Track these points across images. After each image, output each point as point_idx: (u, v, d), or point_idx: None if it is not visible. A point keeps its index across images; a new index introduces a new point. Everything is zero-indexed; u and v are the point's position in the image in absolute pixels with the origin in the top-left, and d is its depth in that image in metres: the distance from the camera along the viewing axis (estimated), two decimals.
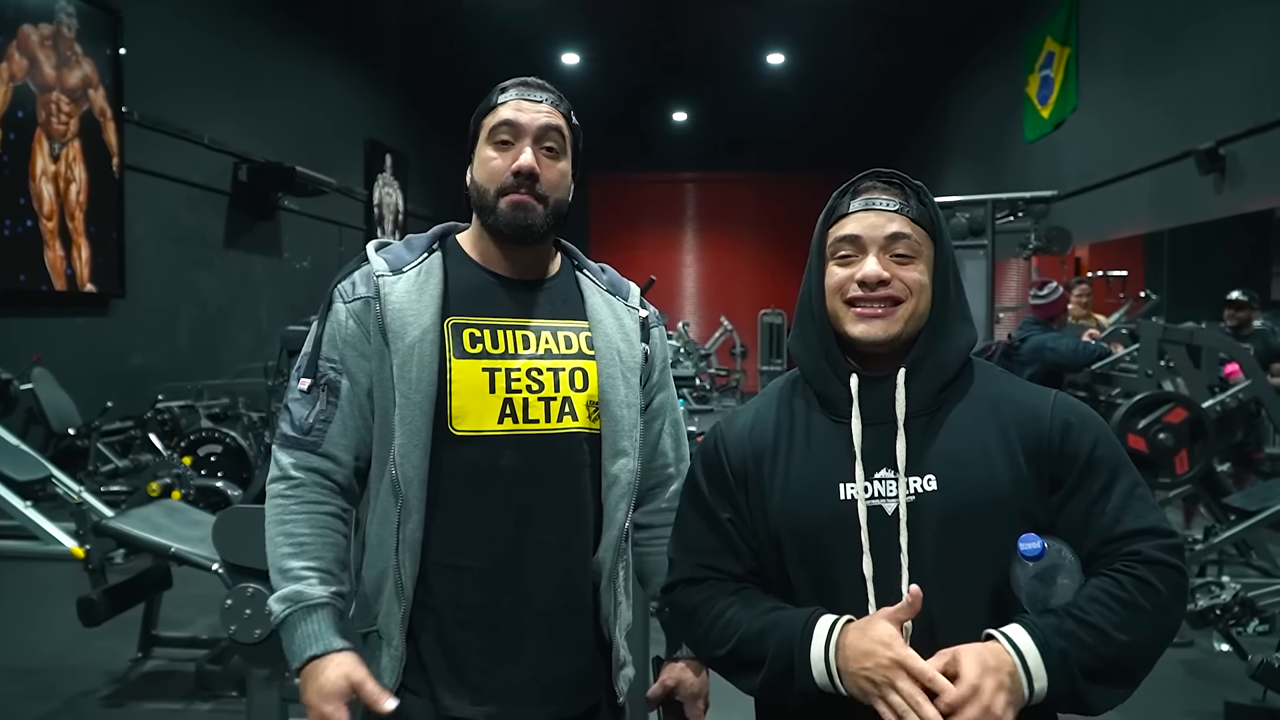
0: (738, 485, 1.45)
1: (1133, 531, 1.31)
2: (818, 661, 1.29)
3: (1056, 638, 1.24)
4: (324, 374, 1.57)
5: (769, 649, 1.33)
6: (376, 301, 1.56)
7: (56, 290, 8.07)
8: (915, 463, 1.34)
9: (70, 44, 8.16)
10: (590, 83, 15.93)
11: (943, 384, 1.38)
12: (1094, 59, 10.25)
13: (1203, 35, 8.09)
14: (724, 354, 15.40)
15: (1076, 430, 1.35)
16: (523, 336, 1.59)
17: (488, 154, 1.58)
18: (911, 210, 1.38)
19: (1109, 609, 1.27)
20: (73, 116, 8.19)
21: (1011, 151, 12.70)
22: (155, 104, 9.22)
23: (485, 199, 1.58)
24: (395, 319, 1.54)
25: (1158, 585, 1.28)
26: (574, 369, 1.60)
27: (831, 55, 15.15)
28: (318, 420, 1.56)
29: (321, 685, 1.44)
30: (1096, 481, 1.34)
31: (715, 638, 1.40)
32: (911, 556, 1.32)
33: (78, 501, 4.08)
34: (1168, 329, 5.54)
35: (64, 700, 3.92)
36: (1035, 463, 1.34)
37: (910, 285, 1.36)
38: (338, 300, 1.60)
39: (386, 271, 1.58)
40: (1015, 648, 1.24)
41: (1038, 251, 9.13)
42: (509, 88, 1.61)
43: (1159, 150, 8.61)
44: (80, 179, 8.30)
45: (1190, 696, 4.01)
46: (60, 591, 4.41)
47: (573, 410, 1.59)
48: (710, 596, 1.43)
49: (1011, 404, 1.38)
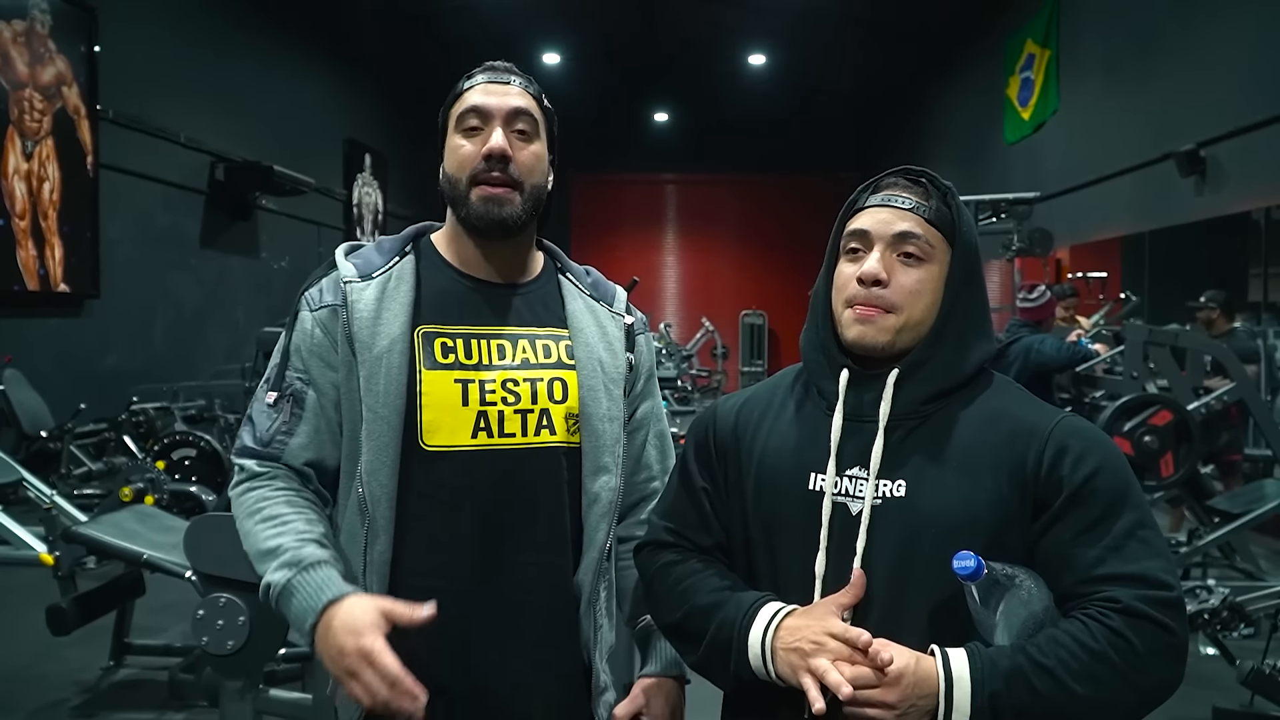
0: (719, 458, 1.44)
1: (1116, 575, 1.19)
2: (755, 644, 1.27)
3: (996, 678, 1.16)
4: (290, 385, 1.50)
5: (712, 624, 1.32)
6: (344, 309, 1.48)
7: (29, 290, 7.95)
8: (890, 466, 1.29)
9: (44, 41, 8.04)
10: (571, 83, 15.88)
11: (941, 391, 1.31)
12: (1075, 61, 10.27)
13: (1183, 37, 8.11)
14: (705, 355, 15.40)
15: (1073, 455, 1.24)
16: (498, 345, 1.51)
17: (457, 142, 1.51)
18: (929, 211, 1.31)
19: (1070, 655, 1.16)
20: (46, 114, 8.07)
21: (992, 153, 12.73)
22: (130, 102, 9.10)
23: (457, 189, 1.50)
24: (363, 328, 1.46)
25: (1133, 641, 1.16)
26: (553, 379, 1.52)
27: (813, 57, 15.17)
28: (278, 432, 1.48)
29: (350, 622, 1.30)
30: (1087, 513, 1.22)
31: (668, 604, 1.40)
32: (865, 561, 1.27)
33: (47, 507, 4.00)
34: (1153, 331, 5.54)
35: (31, 711, 3.84)
36: (1018, 485, 1.25)
37: (908, 291, 1.29)
38: (304, 308, 1.52)
39: (355, 277, 1.50)
40: (948, 673, 1.17)
41: (1021, 253, 9.14)
42: (475, 74, 1.55)
43: (1140, 152, 8.63)
44: (54, 177, 8.18)
45: (1178, 702, 3.93)
46: (29, 598, 4.32)
47: (551, 423, 1.51)
48: (672, 562, 1.42)
49: (1010, 420, 1.29)
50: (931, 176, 1.36)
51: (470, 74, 1.55)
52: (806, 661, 1.21)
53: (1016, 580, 1.19)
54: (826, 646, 1.20)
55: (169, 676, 3.92)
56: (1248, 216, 7.50)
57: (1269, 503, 4.81)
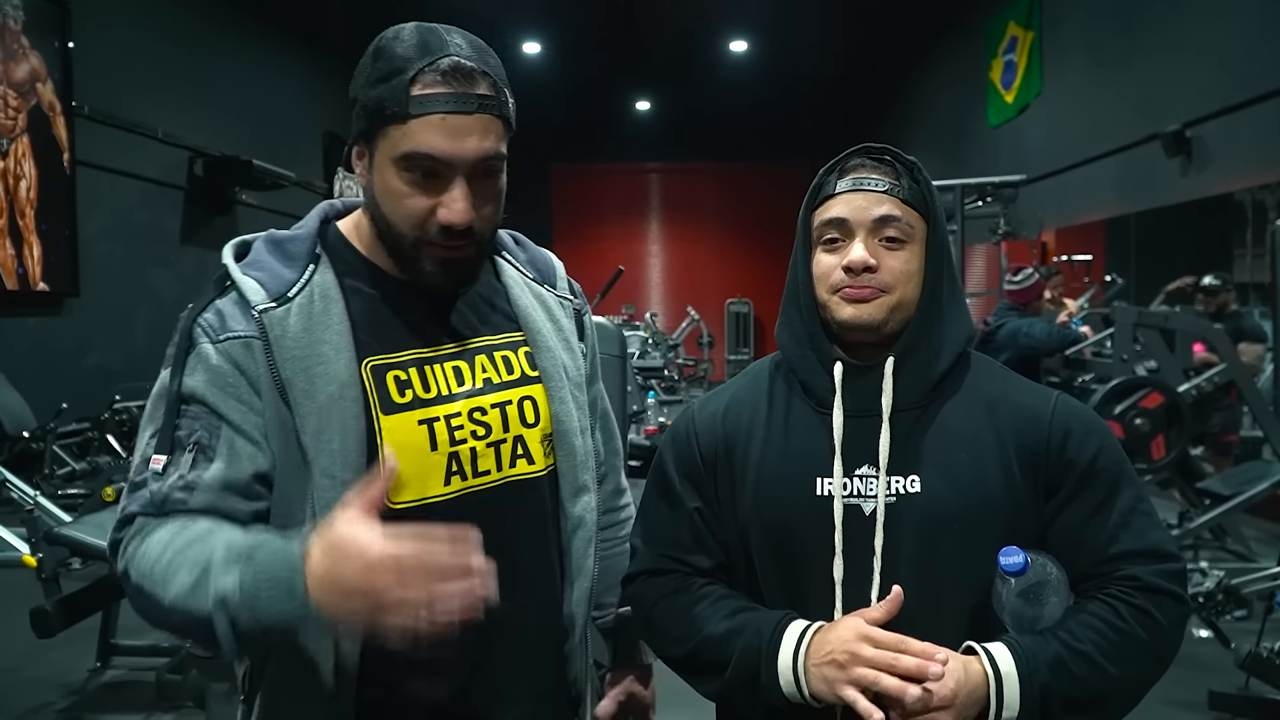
0: (708, 473, 1.35)
1: (1131, 552, 1.22)
2: (785, 669, 1.20)
3: (1043, 670, 1.15)
4: (190, 436, 1.13)
5: (734, 653, 1.24)
6: (264, 346, 1.16)
7: (7, 290, 7.85)
8: (899, 461, 1.24)
9: (16, 37, 7.93)
10: (551, 72, 15.79)
11: (936, 376, 1.28)
12: (1058, 43, 10.25)
13: (1168, 17, 8.10)
14: (691, 344, 15.38)
15: (1078, 437, 1.25)
16: (454, 368, 1.27)
17: (399, 187, 1.18)
18: (903, 190, 1.27)
19: (1104, 638, 1.18)
20: (20, 111, 7.97)
21: (976, 137, 12.72)
22: (106, 98, 8.99)
23: (400, 243, 1.21)
24: (296, 370, 1.16)
25: (1157, 616, 1.19)
26: (521, 399, 1.31)
27: (794, 43, 15.11)
28: (175, 489, 1.12)
29: (340, 548, 0.98)
30: (1095, 494, 1.23)
31: (676, 636, 1.31)
32: (885, 562, 1.23)
33: (30, 508, 3.95)
34: (1143, 313, 5.54)
35: (19, 714, 3.78)
36: (1030, 470, 1.24)
37: (898, 273, 1.25)
38: (201, 340, 1.16)
39: (267, 301, 1.18)
40: (995, 669, 1.16)
41: (1006, 237, 9.13)
42: (432, 89, 1.16)
43: (1124, 134, 8.62)
44: (30, 175, 8.08)
45: (1173, 685, 3.96)
46: (13, 601, 4.26)
47: (527, 451, 1.31)
48: (673, 591, 1.33)
49: (1010, 405, 1.27)
50: (895, 153, 1.31)
51: (419, 74, 1.16)
52: (848, 673, 1.15)
53: (1048, 569, 1.20)
54: (862, 655, 1.14)
55: (156, 678, 3.87)
56: (1231, 197, 7.50)
57: (1260, 484, 4.82)
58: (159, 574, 1.06)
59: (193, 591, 1.04)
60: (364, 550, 0.96)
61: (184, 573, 1.05)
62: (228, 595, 1.01)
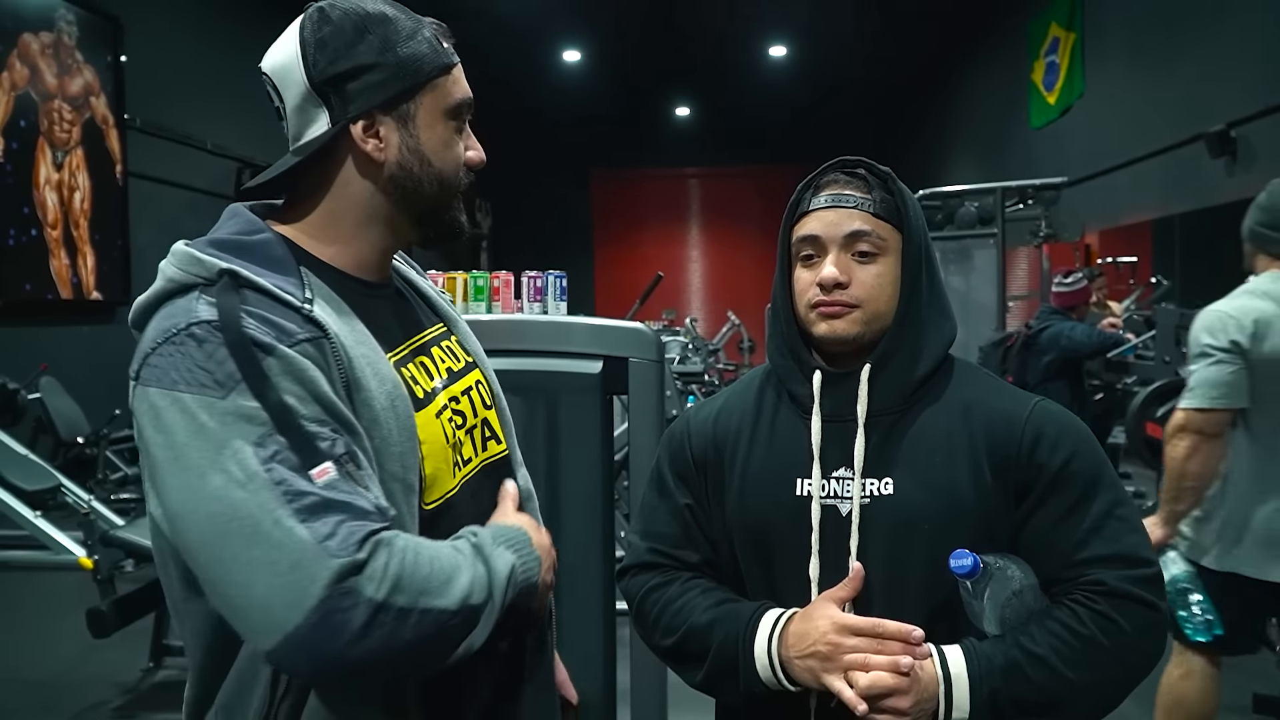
0: (698, 472, 1.42)
1: (1099, 557, 1.23)
2: (761, 655, 1.26)
3: (994, 674, 1.19)
4: (326, 443, 1.02)
5: (714, 642, 1.31)
6: (329, 344, 1.07)
7: (62, 299, 8.05)
8: (874, 464, 1.29)
9: (71, 52, 8.13)
10: (591, 79, 15.85)
11: (914, 382, 1.32)
12: (1100, 43, 10.16)
13: (1211, 16, 8.00)
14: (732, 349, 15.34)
15: (1050, 440, 1.27)
16: (421, 363, 1.25)
17: (450, 136, 1.21)
18: (874, 204, 1.32)
19: (1063, 643, 1.20)
20: (75, 124, 8.17)
21: (1018, 139, 12.61)
22: (157, 110, 9.19)
23: (447, 193, 1.22)
24: (360, 371, 1.09)
25: (1120, 622, 1.20)
26: (475, 383, 1.32)
27: (833, 46, 15.07)
28: (378, 499, 1.05)
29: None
30: (1066, 497, 1.25)
31: (663, 627, 1.38)
32: (859, 560, 1.27)
33: (85, 512, 4.05)
34: (1185, 314, 5.48)
35: (73, 713, 3.88)
36: (1001, 473, 1.27)
37: (870, 286, 1.30)
38: (276, 345, 1.02)
39: (303, 301, 1.09)
40: (945, 671, 1.20)
41: (1048, 239, 9.05)
42: (445, 40, 1.21)
43: (1168, 134, 8.52)
44: (84, 187, 8.28)
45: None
46: (70, 602, 4.38)
47: (494, 433, 1.34)
48: (661, 584, 1.41)
49: (985, 409, 1.31)
50: (869, 165, 1.36)
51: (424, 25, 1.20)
52: (837, 661, 1.20)
53: (1009, 572, 1.22)
54: (844, 645, 1.20)
55: None
56: None
57: None
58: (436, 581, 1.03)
59: (478, 585, 1.07)
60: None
61: (443, 574, 1.05)
62: (514, 567, 1.12)
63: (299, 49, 1.16)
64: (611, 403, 2.33)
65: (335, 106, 1.15)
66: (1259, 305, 2.68)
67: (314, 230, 1.20)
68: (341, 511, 0.98)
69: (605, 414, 2.27)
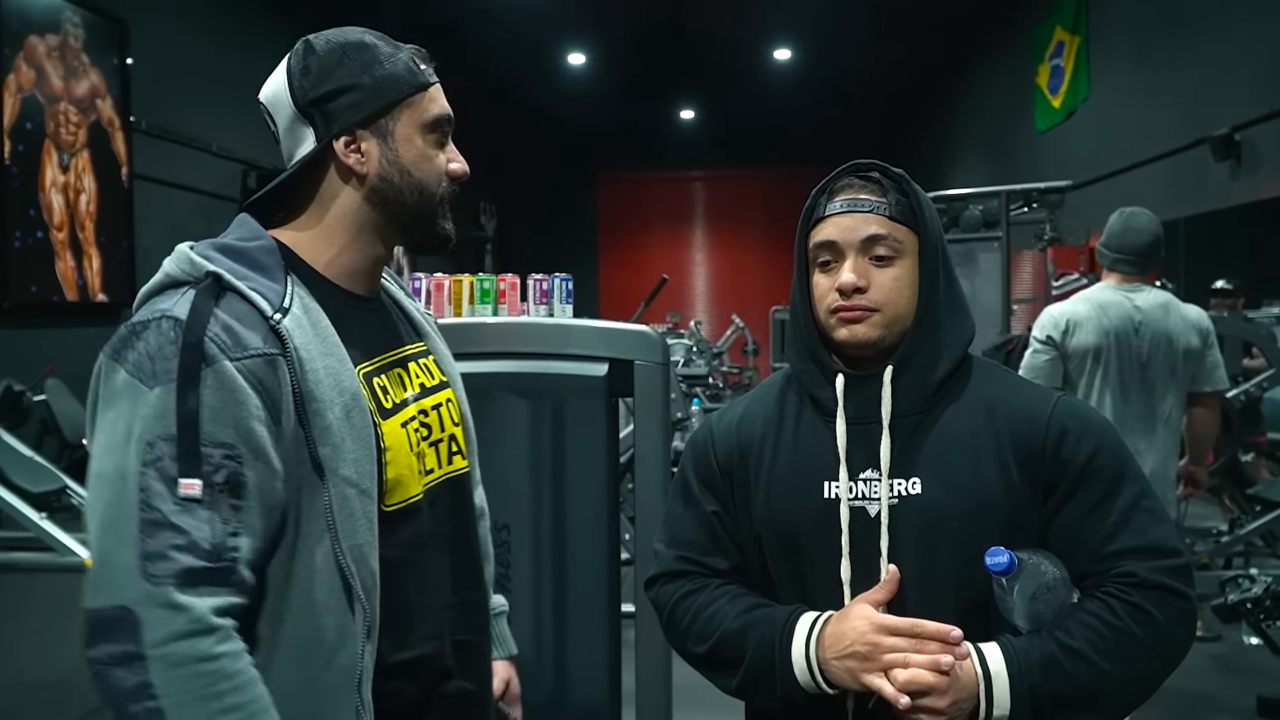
0: (724, 479, 1.42)
1: (1129, 549, 1.24)
2: (799, 659, 1.26)
3: (1033, 670, 1.19)
4: (217, 467, 1.08)
5: (749, 647, 1.31)
6: (284, 360, 1.14)
7: (68, 301, 8.06)
8: (901, 464, 1.30)
9: (77, 54, 8.14)
10: (596, 82, 15.87)
11: (935, 382, 1.32)
12: (1105, 47, 10.16)
13: (1215, 20, 8.00)
14: (736, 352, 15.34)
15: (1074, 436, 1.28)
16: (398, 375, 1.34)
17: (428, 149, 1.29)
18: (890, 207, 1.32)
19: (1098, 635, 1.21)
20: (81, 127, 8.18)
21: (1023, 142, 12.61)
22: (163, 113, 9.20)
23: (429, 203, 1.30)
24: (316, 382, 1.16)
25: (1154, 613, 1.22)
26: (445, 400, 1.41)
27: (839, 49, 15.08)
28: (227, 536, 1.08)
29: None
30: (1092, 492, 1.26)
31: (695, 634, 1.38)
32: (890, 561, 1.28)
33: None
34: None
35: (79, 715, 3.89)
36: (1027, 469, 1.28)
37: (889, 290, 1.31)
38: (220, 357, 1.10)
39: (273, 311, 1.16)
40: (985, 669, 1.20)
41: (1053, 242, 9.04)
42: (423, 63, 1.31)
43: (1173, 138, 8.52)
44: (90, 189, 8.29)
45: (1221, 691, 3.95)
46: (75, 604, 4.37)
47: (460, 448, 1.42)
48: (691, 591, 1.40)
49: (1008, 407, 1.32)
50: (883, 168, 1.36)
51: (402, 49, 1.30)
52: (877, 660, 1.21)
53: (1043, 568, 1.22)
54: (884, 644, 1.20)
55: None
56: None
57: None
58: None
59: None
60: None
61: None
62: None
63: (286, 78, 1.27)
64: (617, 405, 2.34)
65: (319, 125, 1.25)
66: (1077, 308, 3.23)
67: (310, 239, 1.29)
68: (179, 535, 1.06)
69: (611, 416, 2.28)
